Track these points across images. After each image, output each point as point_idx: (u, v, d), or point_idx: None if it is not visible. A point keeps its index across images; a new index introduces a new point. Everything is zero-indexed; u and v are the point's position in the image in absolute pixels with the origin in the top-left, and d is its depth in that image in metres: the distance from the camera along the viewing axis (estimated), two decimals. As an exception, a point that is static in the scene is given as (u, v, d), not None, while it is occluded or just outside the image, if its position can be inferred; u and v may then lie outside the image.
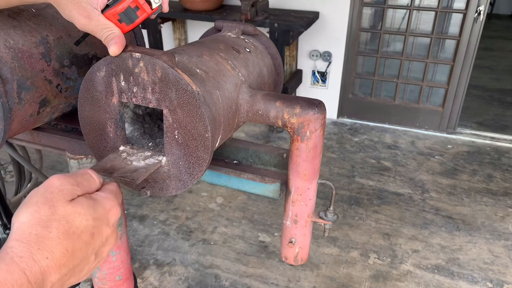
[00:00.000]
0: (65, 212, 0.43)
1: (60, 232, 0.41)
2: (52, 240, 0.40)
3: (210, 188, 2.74)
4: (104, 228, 0.46)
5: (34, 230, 0.40)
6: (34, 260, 0.39)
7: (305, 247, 0.87)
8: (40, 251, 0.39)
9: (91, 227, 0.44)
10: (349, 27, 3.34)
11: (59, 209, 0.43)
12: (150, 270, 2.12)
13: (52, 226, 0.41)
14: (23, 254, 0.38)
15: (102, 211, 0.47)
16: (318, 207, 0.81)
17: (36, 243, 0.39)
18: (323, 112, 0.73)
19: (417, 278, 2.07)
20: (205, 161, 0.65)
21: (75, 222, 0.43)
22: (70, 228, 0.42)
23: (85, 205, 0.45)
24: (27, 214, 0.41)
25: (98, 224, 0.45)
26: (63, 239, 0.41)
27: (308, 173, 0.76)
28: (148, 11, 0.61)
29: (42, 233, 0.40)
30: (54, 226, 0.41)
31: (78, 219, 0.43)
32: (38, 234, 0.40)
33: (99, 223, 0.46)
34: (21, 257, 0.38)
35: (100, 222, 0.46)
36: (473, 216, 2.51)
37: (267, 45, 0.93)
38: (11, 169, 2.86)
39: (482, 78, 4.71)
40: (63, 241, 0.41)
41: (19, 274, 0.37)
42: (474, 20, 3.05)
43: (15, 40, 0.67)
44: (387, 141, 3.38)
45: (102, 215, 0.46)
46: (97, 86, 0.67)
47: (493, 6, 7.52)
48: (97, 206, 0.46)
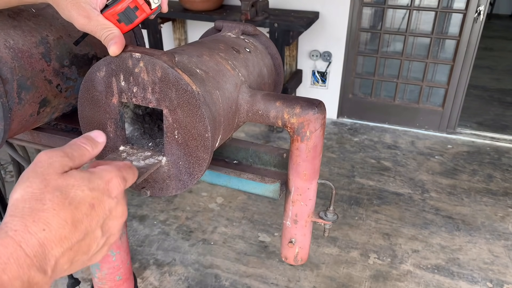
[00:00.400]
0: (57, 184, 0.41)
1: (55, 203, 0.40)
2: (47, 211, 0.39)
3: (210, 188, 2.74)
4: (106, 199, 0.44)
5: (27, 204, 0.39)
6: (30, 233, 0.37)
7: (305, 247, 0.88)
8: (35, 223, 0.38)
9: (89, 198, 0.42)
10: (349, 27, 3.34)
11: (51, 182, 0.41)
12: (150, 270, 2.12)
13: (46, 198, 0.40)
14: (17, 228, 0.37)
15: (100, 182, 0.44)
16: (318, 207, 0.81)
17: (30, 215, 0.38)
18: (323, 112, 0.73)
19: (417, 278, 2.07)
20: (205, 161, 0.65)
21: (70, 193, 0.41)
22: (66, 199, 0.41)
23: (77, 177, 0.43)
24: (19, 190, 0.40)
25: (97, 195, 0.43)
26: (59, 210, 0.39)
27: (308, 173, 0.76)
28: (147, 11, 0.61)
29: (36, 206, 0.39)
30: (48, 198, 0.40)
31: (73, 190, 0.42)
32: (32, 207, 0.39)
33: (98, 194, 0.43)
34: (15, 231, 0.37)
35: (99, 193, 0.43)
36: (473, 216, 2.51)
37: (267, 45, 0.93)
38: (11, 169, 2.86)
39: (482, 78, 4.71)
40: (60, 212, 0.39)
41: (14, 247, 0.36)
42: (474, 20, 3.05)
43: (15, 40, 0.67)
44: (387, 141, 3.38)
45: (100, 186, 0.44)
46: (97, 86, 0.67)
47: (493, 6, 7.52)
48: (93, 177, 0.44)
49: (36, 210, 0.38)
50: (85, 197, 0.42)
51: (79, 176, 0.43)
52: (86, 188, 0.43)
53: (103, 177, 0.45)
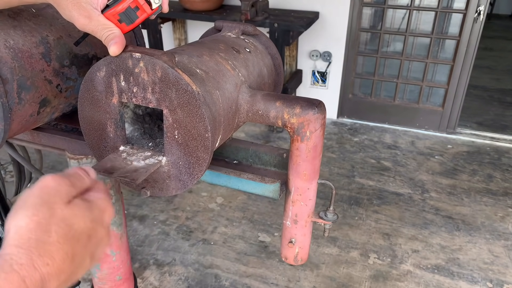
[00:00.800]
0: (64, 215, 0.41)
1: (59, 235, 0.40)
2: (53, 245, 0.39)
3: (210, 188, 2.74)
4: (100, 229, 0.45)
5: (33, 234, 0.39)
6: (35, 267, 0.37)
7: (305, 247, 0.88)
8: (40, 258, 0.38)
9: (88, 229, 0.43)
10: (349, 27, 3.34)
11: (58, 211, 0.41)
12: (150, 270, 2.12)
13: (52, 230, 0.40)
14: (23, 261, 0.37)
15: (98, 213, 0.46)
16: (318, 207, 0.81)
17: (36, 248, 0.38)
18: (323, 112, 0.73)
19: (417, 278, 2.07)
20: (205, 161, 0.65)
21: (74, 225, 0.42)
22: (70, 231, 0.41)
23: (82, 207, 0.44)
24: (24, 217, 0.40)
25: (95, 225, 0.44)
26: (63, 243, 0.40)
27: (308, 173, 0.76)
28: (148, 12, 0.61)
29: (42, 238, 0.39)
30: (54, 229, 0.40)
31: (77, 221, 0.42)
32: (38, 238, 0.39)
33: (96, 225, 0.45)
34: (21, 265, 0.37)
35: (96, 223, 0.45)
36: (473, 216, 2.51)
37: (267, 45, 0.93)
38: (11, 169, 2.86)
39: (482, 78, 4.71)
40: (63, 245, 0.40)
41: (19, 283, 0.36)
42: (474, 20, 3.05)
43: (15, 40, 0.67)
44: (387, 141, 3.38)
45: (98, 217, 0.45)
46: (97, 86, 0.67)
47: (493, 6, 7.52)
48: (93, 208, 0.45)
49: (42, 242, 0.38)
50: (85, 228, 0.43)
51: (84, 207, 0.44)
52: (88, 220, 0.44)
53: (100, 207, 0.46)
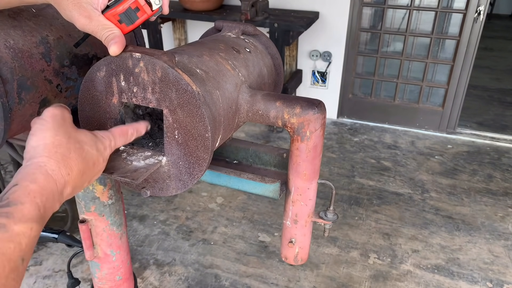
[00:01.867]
0: (77, 138, 0.52)
1: (77, 154, 0.51)
2: (72, 160, 0.50)
3: (210, 188, 2.74)
4: (101, 161, 0.56)
5: (59, 149, 0.49)
6: (62, 175, 0.49)
7: (305, 247, 0.88)
8: (65, 168, 0.49)
9: (94, 157, 0.54)
10: (349, 27, 3.34)
11: (72, 134, 0.52)
12: (150, 270, 2.12)
13: (71, 148, 0.51)
14: (54, 168, 0.48)
15: (101, 146, 0.56)
16: (318, 207, 0.81)
17: (62, 160, 0.49)
18: (323, 112, 0.73)
19: (417, 278, 2.07)
20: (205, 161, 0.65)
21: (85, 148, 0.53)
22: (82, 153, 0.52)
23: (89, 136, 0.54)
24: (49, 136, 0.50)
25: (98, 156, 0.55)
26: (79, 162, 0.51)
27: (308, 173, 0.76)
28: (148, 13, 0.61)
29: (65, 153, 0.50)
30: (72, 149, 0.51)
31: (86, 146, 0.53)
32: (63, 153, 0.50)
33: (99, 156, 0.55)
34: (53, 170, 0.48)
35: (99, 154, 0.55)
36: (473, 216, 2.51)
37: (267, 45, 0.93)
38: (11, 169, 2.86)
39: (482, 78, 4.71)
40: (79, 163, 0.51)
41: (53, 184, 0.47)
42: (474, 20, 3.05)
43: (15, 40, 0.67)
44: (387, 141, 3.38)
45: (100, 149, 0.56)
46: (97, 86, 0.67)
47: (493, 6, 7.52)
48: (98, 141, 0.56)
49: (65, 157, 0.50)
50: (92, 156, 0.54)
51: (90, 136, 0.55)
52: (94, 148, 0.54)
53: (104, 143, 0.57)
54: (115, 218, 0.95)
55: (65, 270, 1.59)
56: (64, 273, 2.09)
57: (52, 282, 2.05)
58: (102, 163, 0.57)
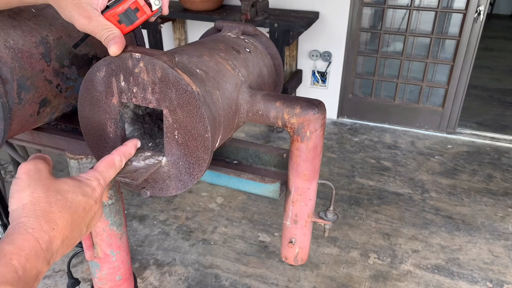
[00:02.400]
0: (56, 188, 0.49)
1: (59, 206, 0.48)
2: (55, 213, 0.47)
3: (210, 188, 2.74)
4: (93, 204, 0.53)
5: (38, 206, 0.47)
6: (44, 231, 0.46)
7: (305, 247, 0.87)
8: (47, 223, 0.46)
9: (82, 203, 0.51)
10: (349, 27, 3.34)
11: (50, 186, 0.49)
12: (150, 270, 2.12)
13: (51, 202, 0.48)
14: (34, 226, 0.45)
15: (88, 190, 0.53)
16: (318, 207, 0.81)
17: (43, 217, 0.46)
18: (323, 112, 0.73)
19: (417, 278, 2.07)
20: (205, 161, 0.65)
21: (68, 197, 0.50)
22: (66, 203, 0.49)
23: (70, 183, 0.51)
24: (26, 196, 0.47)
25: (87, 200, 0.52)
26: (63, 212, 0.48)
27: (308, 173, 0.76)
28: (148, 13, 0.61)
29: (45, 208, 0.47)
30: (53, 201, 0.48)
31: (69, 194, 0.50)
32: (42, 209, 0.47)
33: (88, 200, 0.52)
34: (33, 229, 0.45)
35: (88, 198, 0.52)
36: (473, 216, 2.51)
37: (267, 45, 0.93)
38: (11, 169, 2.86)
39: (482, 78, 4.71)
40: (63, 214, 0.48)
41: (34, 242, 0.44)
42: (474, 20, 3.05)
43: (15, 40, 0.67)
44: (387, 141, 3.38)
45: (88, 193, 0.52)
46: (97, 86, 0.67)
47: (493, 6, 7.52)
48: (82, 185, 0.53)
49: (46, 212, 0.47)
50: (79, 202, 0.51)
51: (72, 183, 0.52)
52: (79, 194, 0.51)
53: (90, 185, 0.54)
54: (115, 218, 0.95)
55: (65, 270, 1.59)
56: (64, 273, 2.09)
57: (52, 282, 2.05)
58: (95, 206, 0.53)
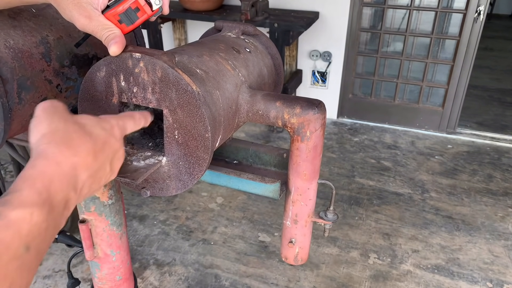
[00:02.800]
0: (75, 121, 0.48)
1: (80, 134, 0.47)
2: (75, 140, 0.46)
3: (210, 188, 2.74)
4: (113, 141, 0.51)
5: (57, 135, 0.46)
6: (65, 156, 0.45)
7: (305, 247, 0.88)
8: (68, 149, 0.45)
9: (102, 136, 0.49)
10: (349, 27, 3.34)
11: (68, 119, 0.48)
12: (150, 270, 2.12)
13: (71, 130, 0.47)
14: (54, 151, 0.44)
15: (107, 125, 0.51)
16: (318, 207, 0.81)
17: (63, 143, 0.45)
18: (323, 112, 0.73)
19: (417, 278, 2.07)
20: (205, 161, 0.65)
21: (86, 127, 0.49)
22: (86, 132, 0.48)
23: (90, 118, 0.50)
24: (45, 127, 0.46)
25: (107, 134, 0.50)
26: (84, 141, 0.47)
27: (308, 173, 0.76)
28: (148, 13, 0.61)
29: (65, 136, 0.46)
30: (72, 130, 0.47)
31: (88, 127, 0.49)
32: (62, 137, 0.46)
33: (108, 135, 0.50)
34: (53, 153, 0.44)
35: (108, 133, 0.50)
36: (473, 216, 2.51)
37: (267, 45, 0.93)
38: (11, 169, 2.86)
39: (482, 78, 4.71)
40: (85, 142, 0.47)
41: (56, 167, 0.43)
42: (474, 20, 3.05)
43: (15, 40, 0.67)
44: (387, 141, 3.38)
45: (107, 128, 0.51)
46: (97, 86, 0.67)
47: (493, 6, 7.52)
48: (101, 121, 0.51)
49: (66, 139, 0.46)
50: (99, 134, 0.49)
51: (91, 118, 0.51)
52: (98, 128, 0.50)
53: (109, 122, 0.52)
54: (115, 218, 0.95)
55: (65, 270, 1.59)
56: (64, 273, 2.09)
57: (52, 282, 2.05)
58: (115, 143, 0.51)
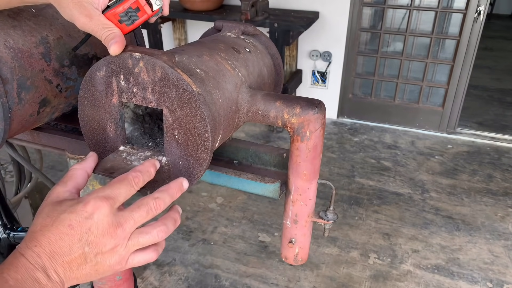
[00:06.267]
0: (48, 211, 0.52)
1: (43, 225, 0.50)
2: (37, 232, 0.50)
3: (210, 188, 2.74)
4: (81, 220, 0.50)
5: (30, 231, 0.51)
6: (28, 247, 0.49)
7: (305, 247, 0.87)
8: (31, 242, 0.49)
9: (67, 220, 0.50)
10: (349, 27, 3.34)
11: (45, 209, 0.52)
12: (150, 270, 2.12)
13: (37, 223, 0.51)
14: (22, 246, 0.49)
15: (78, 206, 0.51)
16: (318, 207, 0.81)
17: (29, 237, 0.50)
18: (323, 112, 0.73)
19: (417, 278, 2.07)
20: (205, 161, 0.65)
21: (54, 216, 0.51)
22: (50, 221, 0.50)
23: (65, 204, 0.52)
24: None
25: (74, 216, 0.50)
26: (45, 231, 0.50)
27: (308, 173, 0.76)
28: (149, 13, 0.61)
29: (31, 229, 0.51)
30: (39, 222, 0.51)
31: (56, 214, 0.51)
32: (31, 230, 0.51)
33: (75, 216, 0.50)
34: (20, 248, 0.49)
35: (75, 214, 0.50)
36: (473, 216, 2.51)
37: (267, 45, 0.93)
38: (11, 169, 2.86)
39: (482, 78, 4.71)
40: (45, 232, 0.49)
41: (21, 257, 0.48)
42: (474, 20, 3.05)
43: (15, 40, 0.67)
44: (387, 141, 3.38)
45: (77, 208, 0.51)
46: (97, 86, 0.67)
47: (493, 6, 7.52)
48: (74, 202, 0.52)
49: (31, 232, 0.50)
50: (64, 219, 0.50)
51: (67, 203, 0.52)
52: (67, 212, 0.51)
53: (82, 200, 0.52)
54: (115, 218, 0.95)
55: (65, 270, 1.59)
56: (64, 273, 2.09)
57: (52, 282, 2.05)
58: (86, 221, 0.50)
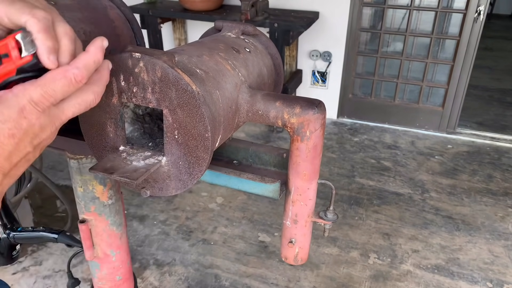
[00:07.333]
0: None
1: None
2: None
3: (210, 188, 2.74)
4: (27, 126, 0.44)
5: None
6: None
7: (305, 247, 0.87)
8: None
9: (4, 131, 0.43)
10: (349, 27, 3.34)
11: None
12: (150, 270, 2.12)
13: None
14: None
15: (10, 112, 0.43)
16: (318, 207, 0.81)
17: None
18: (323, 112, 0.73)
19: (417, 278, 2.07)
20: (205, 161, 0.65)
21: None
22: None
23: None
24: None
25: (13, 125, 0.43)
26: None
27: (308, 173, 0.76)
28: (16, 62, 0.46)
29: None
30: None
31: None
32: None
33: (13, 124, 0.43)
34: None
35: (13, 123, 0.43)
36: (473, 216, 2.51)
37: (267, 45, 0.93)
38: (11, 169, 2.86)
39: (482, 78, 4.71)
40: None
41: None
42: (474, 20, 3.05)
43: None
44: (387, 141, 3.38)
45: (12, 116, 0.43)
46: (97, 86, 0.66)
47: (493, 6, 7.52)
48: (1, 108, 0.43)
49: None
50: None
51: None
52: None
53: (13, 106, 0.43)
54: (115, 218, 0.95)
55: (65, 270, 1.59)
56: (64, 273, 2.09)
57: (52, 282, 2.05)
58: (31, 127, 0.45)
